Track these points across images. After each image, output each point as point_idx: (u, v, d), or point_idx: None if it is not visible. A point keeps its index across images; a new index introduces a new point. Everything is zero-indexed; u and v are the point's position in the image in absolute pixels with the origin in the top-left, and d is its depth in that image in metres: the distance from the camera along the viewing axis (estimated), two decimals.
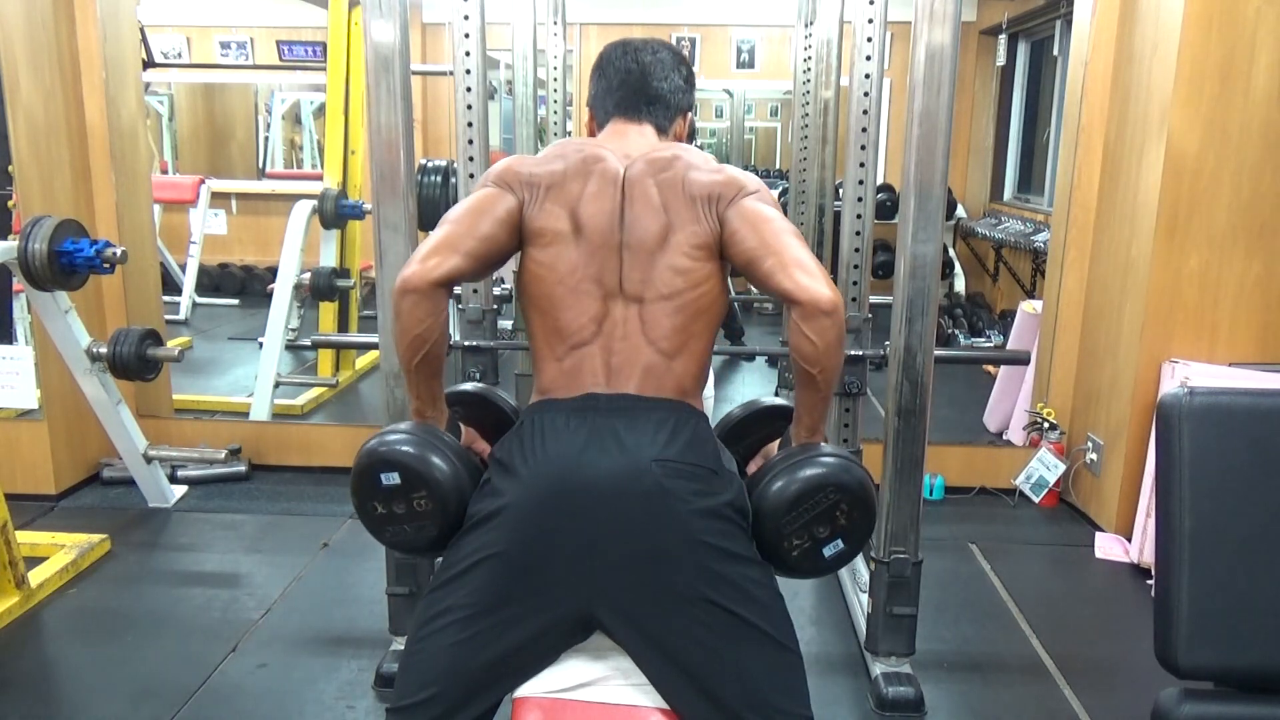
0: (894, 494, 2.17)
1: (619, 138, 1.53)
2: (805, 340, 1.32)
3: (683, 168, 1.44)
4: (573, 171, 1.44)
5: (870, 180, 2.91)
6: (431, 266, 1.34)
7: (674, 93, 1.56)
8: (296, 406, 4.31)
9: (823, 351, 1.32)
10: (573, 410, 1.36)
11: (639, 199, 1.42)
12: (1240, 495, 1.29)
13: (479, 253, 1.39)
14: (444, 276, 1.34)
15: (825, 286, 1.31)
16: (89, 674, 2.35)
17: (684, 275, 1.40)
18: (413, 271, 1.34)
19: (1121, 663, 2.46)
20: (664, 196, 1.42)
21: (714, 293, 1.43)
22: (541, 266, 1.42)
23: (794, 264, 1.34)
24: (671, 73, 1.56)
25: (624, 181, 1.44)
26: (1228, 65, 2.84)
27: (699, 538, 1.29)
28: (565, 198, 1.42)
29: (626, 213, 1.42)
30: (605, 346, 1.40)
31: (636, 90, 1.54)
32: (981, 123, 6.71)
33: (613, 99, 1.55)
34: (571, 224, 1.42)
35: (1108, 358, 3.26)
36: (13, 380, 2.81)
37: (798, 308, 1.32)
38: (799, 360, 1.34)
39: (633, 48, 1.57)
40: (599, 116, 1.58)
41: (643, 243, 1.41)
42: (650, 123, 1.54)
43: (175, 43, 7.30)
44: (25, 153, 3.15)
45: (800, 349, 1.33)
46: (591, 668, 1.33)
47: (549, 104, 4.96)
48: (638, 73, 1.54)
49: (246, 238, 7.07)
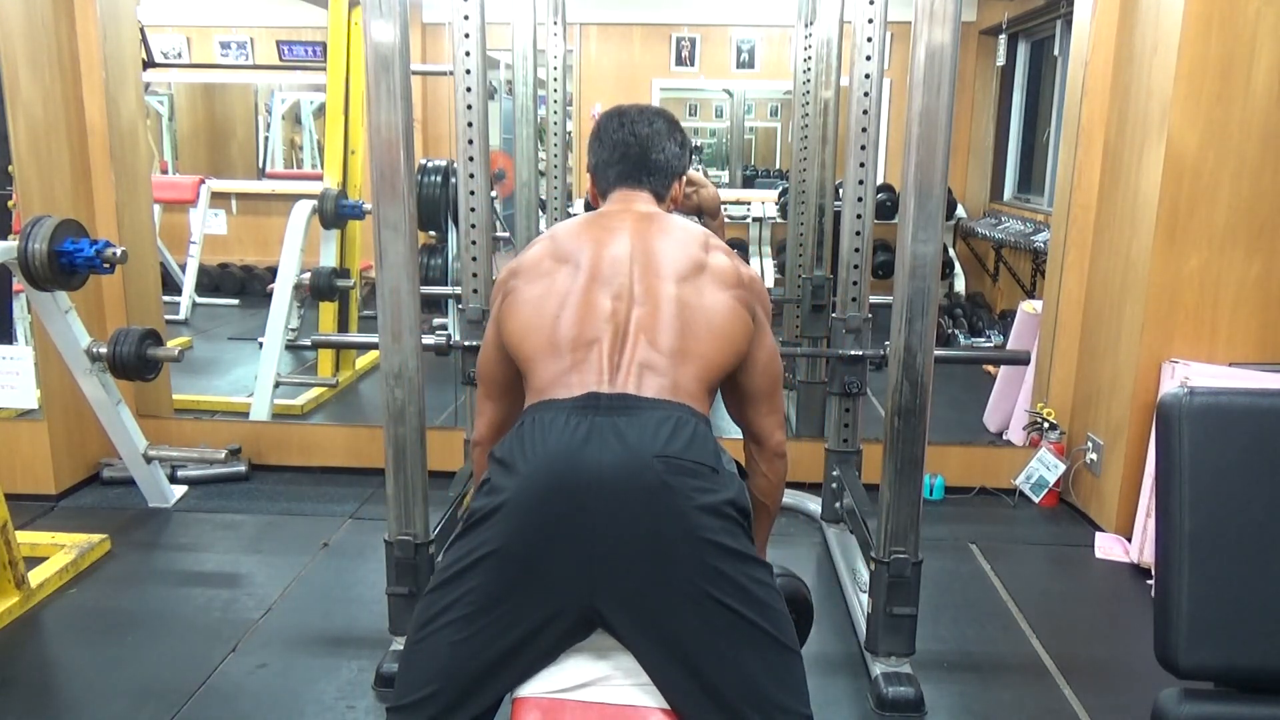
0: (894, 494, 2.17)
1: (622, 203, 1.67)
2: (764, 478, 1.63)
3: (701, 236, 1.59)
4: (574, 231, 1.57)
5: (870, 180, 2.91)
6: (479, 428, 1.67)
7: (670, 160, 1.69)
8: (296, 406, 4.31)
9: (776, 485, 1.65)
10: (573, 409, 1.36)
11: (656, 235, 1.54)
12: (1240, 495, 1.28)
13: (505, 389, 1.60)
14: (488, 433, 1.64)
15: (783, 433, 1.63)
16: (89, 674, 2.35)
17: (696, 288, 1.48)
18: (474, 433, 1.69)
19: (1121, 663, 2.47)
20: (683, 238, 1.55)
21: (724, 310, 1.50)
22: (533, 296, 1.50)
23: (780, 414, 1.62)
24: (667, 142, 1.69)
25: (633, 223, 1.56)
26: (1228, 65, 2.84)
27: (700, 534, 1.29)
28: (560, 251, 1.53)
29: (636, 243, 1.52)
30: (609, 347, 1.41)
31: (636, 163, 1.67)
32: (981, 123, 6.71)
33: (614, 171, 1.69)
34: (570, 261, 1.51)
35: (1108, 358, 3.26)
36: (13, 380, 2.81)
37: (764, 450, 1.62)
38: (757, 494, 1.61)
39: (629, 119, 1.69)
40: (600, 186, 1.72)
41: (653, 258, 1.50)
42: (649, 190, 1.68)
43: (175, 43, 7.29)
44: (25, 153, 3.15)
45: (760, 486, 1.63)
46: (592, 667, 1.33)
47: (549, 104, 4.96)
48: (636, 146, 1.67)
49: (246, 238, 7.07)
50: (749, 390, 1.58)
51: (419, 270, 2.15)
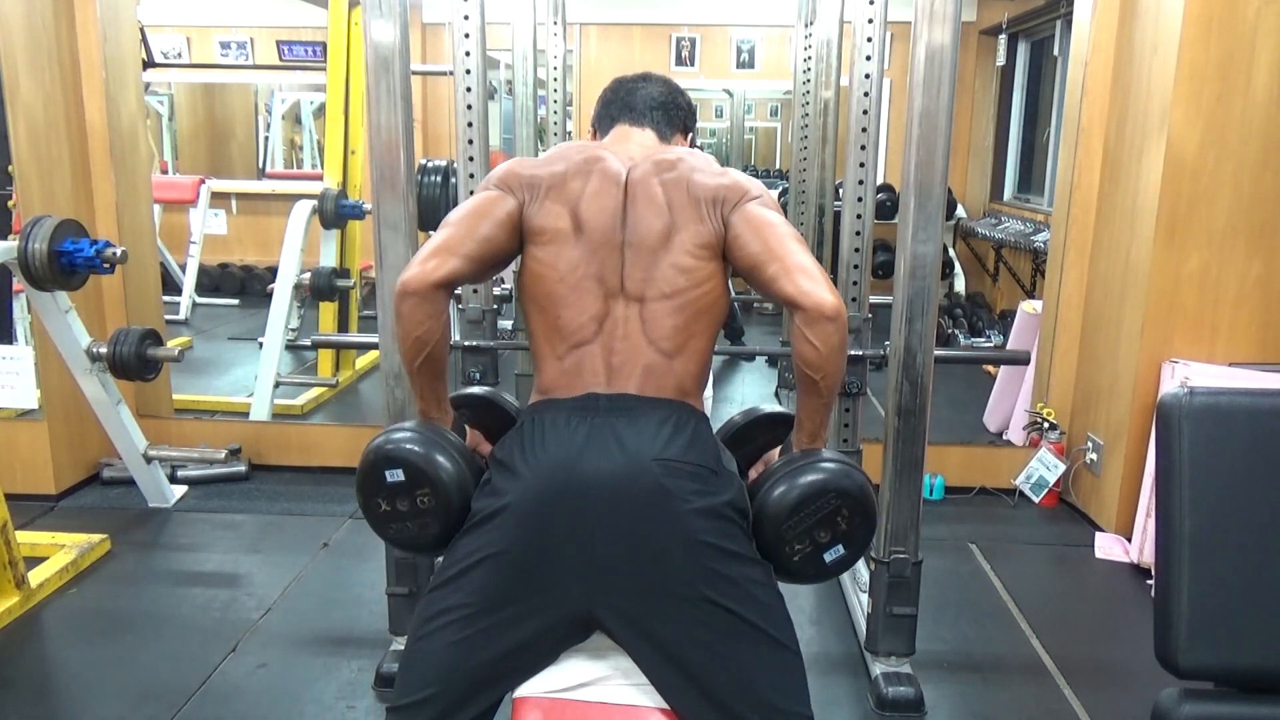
0: (894, 494, 2.17)
1: (621, 140, 1.57)
2: (809, 346, 1.32)
3: (687, 169, 1.46)
4: (574, 171, 1.45)
5: (870, 180, 2.91)
6: (431, 269, 1.34)
7: (675, 108, 1.62)
8: (296, 406, 4.31)
9: (825, 356, 1.32)
10: (573, 410, 1.36)
11: (642, 198, 1.43)
12: (1240, 495, 1.28)
13: (479, 255, 1.40)
14: (443, 279, 1.35)
15: (828, 292, 1.32)
16: (89, 674, 2.35)
17: (686, 274, 1.41)
18: (413, 274, 1.34)
19: (1121, 663, 2.47)
20: (668, 196, 1.43)
21: (715, 293, 1.43)
22: (542, 265, 1.43)
23: (797, 269, 1.34)
24: (675, 94, 1.63)
25: (627, 181, 1.45)
26: (1228, 65, 2.84)
27: (699, 537, 1.29)
28: (566, 197, 1.44)
29: (629, 211, 1.43)
30: (606, 346, 1.41)
31: (642, 104, 1.60)
32: (981, 123, 6.71)
33: (616, 108, 1.62)
34: (572, 222, 1.42)
35: (1108, 358, 3.26)
36: (13, 380, 2.81)
37: (801, 313, 1.32)
38: (802, 366, 1.34)
39: (633, 76, 1.65)
40: (602, 126, 1.63)
41: (645, 240, 1.42)
42: (651, 128, 1.59)
43: (175, 43, 7.29)
44: (25, 153, 3.15)
45: (803, 355, 1.33)
46: (592, 667, 1.33)
47: (549, 104, 4.96)
48: (639, 90, 1.61)
49: (246, 238, 7.07)
50: (752, 262, 1.39)
51: None
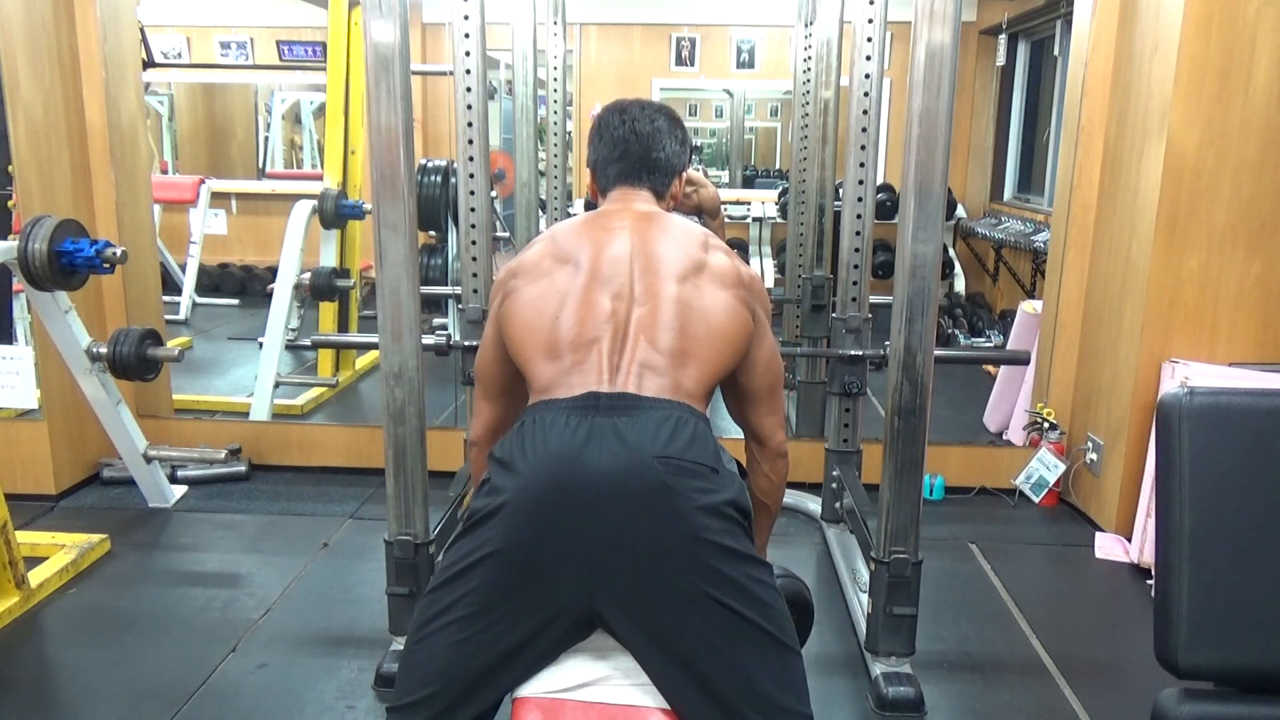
0: (894, 494, 2.17)
1: (622, 201, 1.66)
2: (765, 478, 1.64)
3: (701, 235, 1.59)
4: (574, 230, 1.56)
5: (870, 180, 2.91)
6: (476, 428, 1.66)
7: (671, 158, 1.69)
8: (296, 406, 4.31)
9: (778, 485, 1.66)
10: (573, 409, 1.36)
11: (656, 234, 1.54)
12: (1240, 495, 1.28)
13: (504, 390, 1.61)
14: (486, 434, 1.64)
15: (784, 433, 1.64)
16: (89, 674, 2.35)
17: (696, 287, 1.48)
18: (471, 433, 1.68)
19: (1121, 663, 2.47)
20: (683, 238, 1.55)
21: (724, 310, 1.49)
22: (533, 297, 1.49)
23: (780, 415, 1.63)
24: (668, 140, 1.68)
25: (633, 222, 1.56)
26: (1228, 65, 2.84)
27: (701, 534, 1.29)
28: (560, 251, 1.53)
29: (636, 243, 1.52)
30: (608, 347, 1.41)
31: (637, 161, 1.66)
32: (981, 123, 6.71)
33: (614, 168, 1.68)
34: (569, 262, 1.51)
35: (1108, 358, 3.26)
36: (13, 380, 2.81)
37: (766, 450, 1.63)
38: (759, 494, 1.63)
39: (630, 116, 1.68)
40: (600, 183, 1.71)
41: (653, 257, 1.50)
42: (649, 189, 1.68)
43: (175, 43, 7.29)
44: (25, 152, 3.15)
45: (760, 485, 1.64)
46: (592, 667, 1.33)
47: (549, 104, 4.96)
48: (636, 144, 1.66)
49: (246, 238, 7.07)
50: (749, 390, 1.59)
51: (419, 270, 2.15)
